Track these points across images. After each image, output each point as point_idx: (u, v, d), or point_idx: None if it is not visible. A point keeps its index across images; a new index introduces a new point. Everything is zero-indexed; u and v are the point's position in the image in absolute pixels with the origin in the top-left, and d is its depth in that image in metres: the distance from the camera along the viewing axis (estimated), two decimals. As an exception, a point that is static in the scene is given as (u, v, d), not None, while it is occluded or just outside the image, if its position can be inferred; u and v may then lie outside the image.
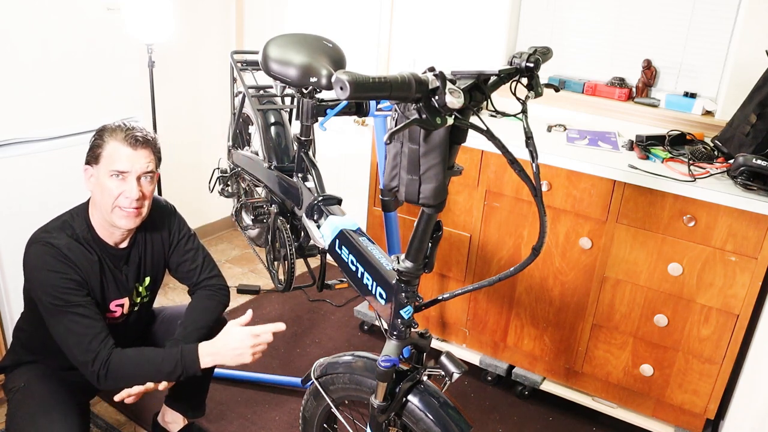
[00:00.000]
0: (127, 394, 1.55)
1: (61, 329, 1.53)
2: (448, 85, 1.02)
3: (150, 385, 1.57)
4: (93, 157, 1.59)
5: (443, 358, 1.34)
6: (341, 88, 0.95)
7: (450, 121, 1.06)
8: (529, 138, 1.16)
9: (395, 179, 1.20)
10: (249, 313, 1.65)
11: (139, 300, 1.78)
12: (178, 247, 1.81)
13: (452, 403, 1.39)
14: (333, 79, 0.96)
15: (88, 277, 1.59)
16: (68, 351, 1.54)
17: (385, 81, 0.98)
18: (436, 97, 1.02)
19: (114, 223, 1.61)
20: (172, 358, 1.56)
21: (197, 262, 1.82)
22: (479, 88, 1.14)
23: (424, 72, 1.03)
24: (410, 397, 1.38)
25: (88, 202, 1.66)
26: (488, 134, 1.13)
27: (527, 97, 1.21)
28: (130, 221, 1.60)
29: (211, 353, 1.59)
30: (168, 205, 1.83)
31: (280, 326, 1.62)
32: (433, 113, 1.03)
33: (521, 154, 1.26)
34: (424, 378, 1.39)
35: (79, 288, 1.55)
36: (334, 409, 1.56)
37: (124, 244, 1.69)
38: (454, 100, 1.01)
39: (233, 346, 1.58)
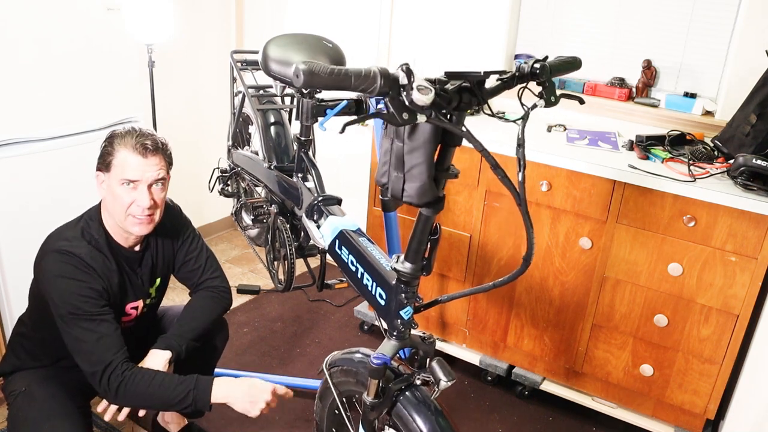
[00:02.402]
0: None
1: (74, 338, 1.52)
2: (418, 81, 1.01)
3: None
4: (104, 164, 1.57)
5: (434, 363, 1.31)
6: (297, 76, 0.96)
7: (421, 119, 1.05)
8: (519, 146, 1.13)
9: (385, 176, 1.20)
10: (290, 393, 1.63)
11: (149, 302, 1.78)
12: (183, 247, 1.81)
13: (442, 410, 1.35)
14: (293, 69, 0.97)
15: (108, 284, 1.59)
16: (79, 360, 1.53)
17: (345, 73, 0.98)
18: (405, 93, 1.02)
19: (128, 230, 1.61)
20: (185, 386, 1.53)
21: (200, 262, 1.82)
22: (470, 90, 1.13)
23: (398, 68, 1.03)
24: (401, 399, 1.37)
25: (100, 205, 1.65)
26: (470, 137, 1.10)
27: (534, 105, 1.19)
28: (143, 228, 1.61)
29: (225, 392, 1.56)
30: (174, 206, 1.84)
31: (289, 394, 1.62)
32: (399, 109, 1.03)
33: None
34: (417, 382, 1.37)
35: (98, 297, 1.54)
36: (338, 402, 1.54)
37: (137, 247, 1.70)
38: (422, 97, 1.00)
39: (251, 393, 1.57)
